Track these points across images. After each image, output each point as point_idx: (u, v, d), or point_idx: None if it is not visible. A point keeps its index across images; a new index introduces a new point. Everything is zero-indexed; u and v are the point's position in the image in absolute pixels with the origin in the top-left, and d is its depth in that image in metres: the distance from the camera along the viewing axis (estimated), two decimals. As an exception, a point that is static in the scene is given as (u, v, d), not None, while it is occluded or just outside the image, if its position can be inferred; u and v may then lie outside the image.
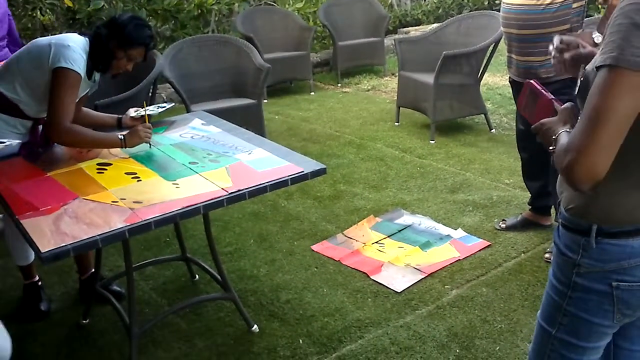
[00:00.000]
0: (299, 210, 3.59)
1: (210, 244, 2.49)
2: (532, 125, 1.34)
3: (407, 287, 2.73)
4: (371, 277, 2.82)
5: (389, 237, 3.21)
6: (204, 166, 2.18)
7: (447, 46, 4.69)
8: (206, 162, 2.22)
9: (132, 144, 2.32)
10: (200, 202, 1.90)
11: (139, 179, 2.10)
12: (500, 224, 3.24)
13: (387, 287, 2.73)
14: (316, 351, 2.35)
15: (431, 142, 4.60)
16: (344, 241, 3.19)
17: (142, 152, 2.34)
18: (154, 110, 2.66)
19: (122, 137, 2.30)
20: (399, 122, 5.10)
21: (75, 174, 2.17)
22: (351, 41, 6.68)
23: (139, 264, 2.72)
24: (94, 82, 2.49)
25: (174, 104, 3.21)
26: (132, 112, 2.60)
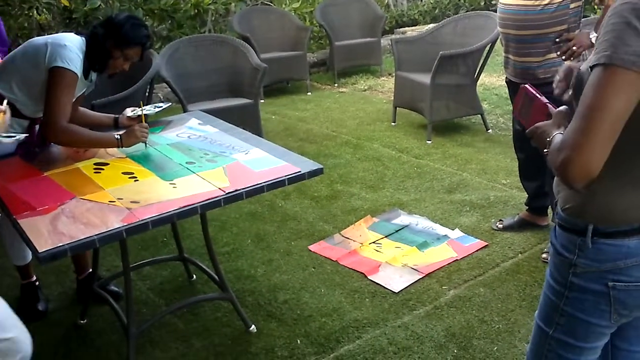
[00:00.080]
0: (296, 210, 3.59)
1: (207, 244, 2.49)
2: (527, 129, 1.35)
3: (405, 287, 2.73)
4: (369, 277, 2.83)
5: (386, 237, 3.21)
6: (201, 166, 2.18)
7: (444, 46, 4.69)
8: (203, 162, 2.21)
9: (128, 143, 2.31)
10: (197, 202, 1.90)
11: (136, 179, 2.10)
12: (497, 224, 3.24)
13: (385, 287, 2.74)
14: (314, 351, 2.35)
15: (428, 142, 4.60)
16: (341, 241, 3.19)
17: (139, 152, 2.34)
18: (150, 110, 2.65)
19: (119, 137, 2.30)
20: (395, 122, 5.10)
21: (72, 173, 2.17)
22: (348, 41, 6.68)
23: (136, 264, 2.72)
24: (91, 81, 2.48)
25: (171, 103, 3.20)
26: (129, 111, 2.59)
